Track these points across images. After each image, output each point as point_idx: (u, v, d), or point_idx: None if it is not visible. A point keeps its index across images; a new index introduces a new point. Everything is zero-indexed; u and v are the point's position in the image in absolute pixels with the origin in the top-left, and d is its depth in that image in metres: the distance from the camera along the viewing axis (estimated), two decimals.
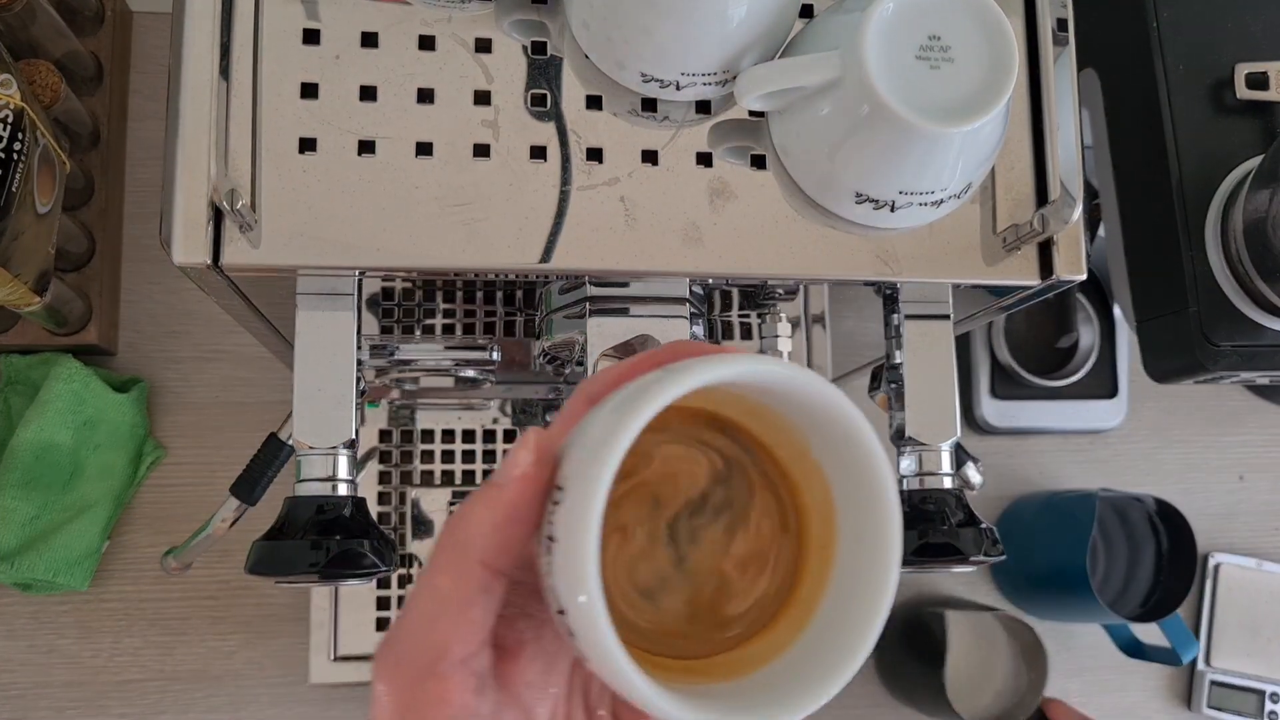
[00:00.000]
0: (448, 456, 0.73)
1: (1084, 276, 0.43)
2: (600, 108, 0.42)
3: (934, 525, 0.46)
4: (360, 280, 0.43)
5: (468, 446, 0.73)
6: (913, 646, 0.76)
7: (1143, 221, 0.62)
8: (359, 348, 0.43)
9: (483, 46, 0.41)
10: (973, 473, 0.67)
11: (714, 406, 0.29)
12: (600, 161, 0.41)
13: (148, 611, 0.70)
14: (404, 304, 0.59)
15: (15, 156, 0.55)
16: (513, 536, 0.25)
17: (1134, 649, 0.80)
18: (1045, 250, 0.43)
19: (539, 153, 0.41)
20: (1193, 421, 0.88)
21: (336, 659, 0.70)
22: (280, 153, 0.40)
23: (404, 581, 0.71)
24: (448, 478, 0.73)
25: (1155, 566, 0.79)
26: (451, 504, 0.72)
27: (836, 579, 0.28)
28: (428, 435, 0.73)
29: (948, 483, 0.47)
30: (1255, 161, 0.55)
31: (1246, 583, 0.84)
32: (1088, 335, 0.83)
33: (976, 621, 0.77)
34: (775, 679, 0.27)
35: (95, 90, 0.72)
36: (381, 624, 0.70)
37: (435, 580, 0.25)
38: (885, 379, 0.49)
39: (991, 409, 0.82)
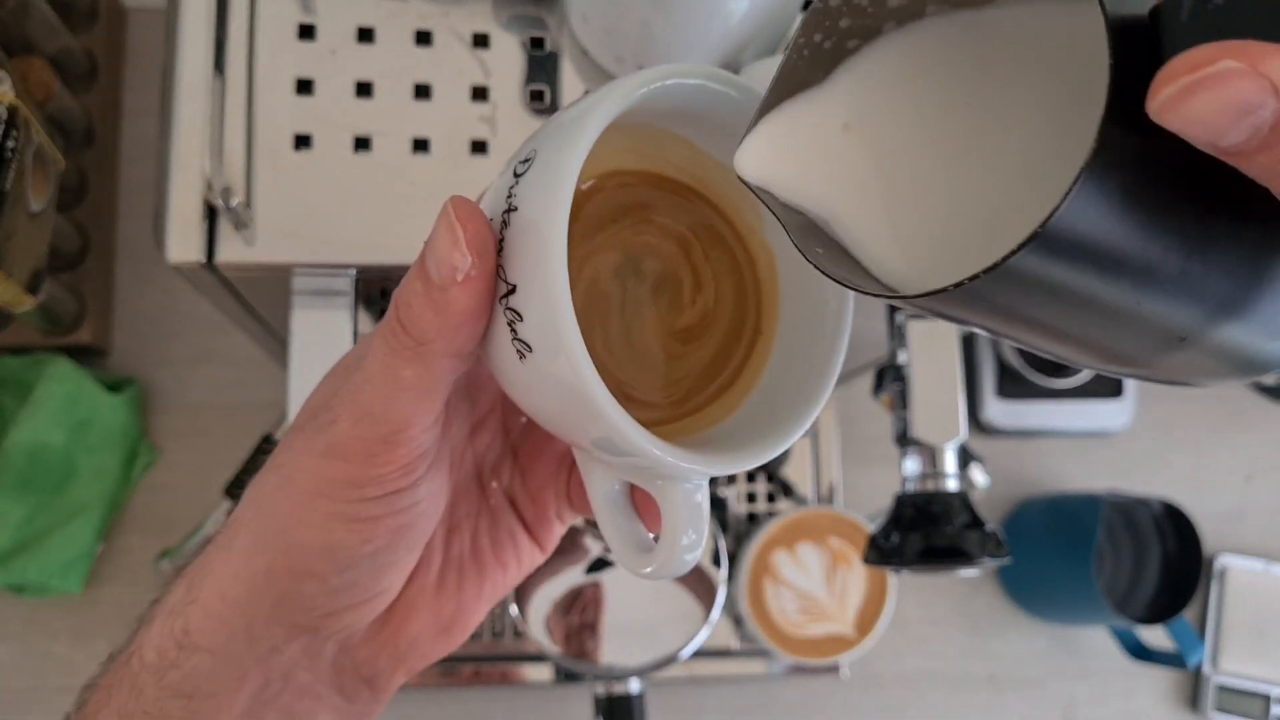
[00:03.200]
0: None
1: None
2: None
3: (939, 527, 0.45)
4: (357, 279, 0.42)
5: None
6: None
7: None
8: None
9: (480, 41, 0.41)
10: (978, 474, 0.66)
11: (671, 171, 0.28)
12: None
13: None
14: None
15: (8, 154, 0.55)
16: (475, 332, 0.24)
17: (1140, 652, 0.79)
18: None
19: None
20: (1200, 422, 0.87)
21: None
22: (275, 149, 0.39)
23: None
24: None
25: (1161, 569, 0.79)
26: None
27: (781, 340, 0.28)
28: None
29: (953, 484, 0.47)
30: None
31: (1254, 585, 0.83)
32: None
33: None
34: (730, 432, 0.27)
35: (89, 87, 0.72)
36: None
37: (399, 372, 0.24)
38: (889, 379, 0.49)
39: (997, 410, 0.82)
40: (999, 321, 0.19)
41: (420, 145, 0.40)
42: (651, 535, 0.27)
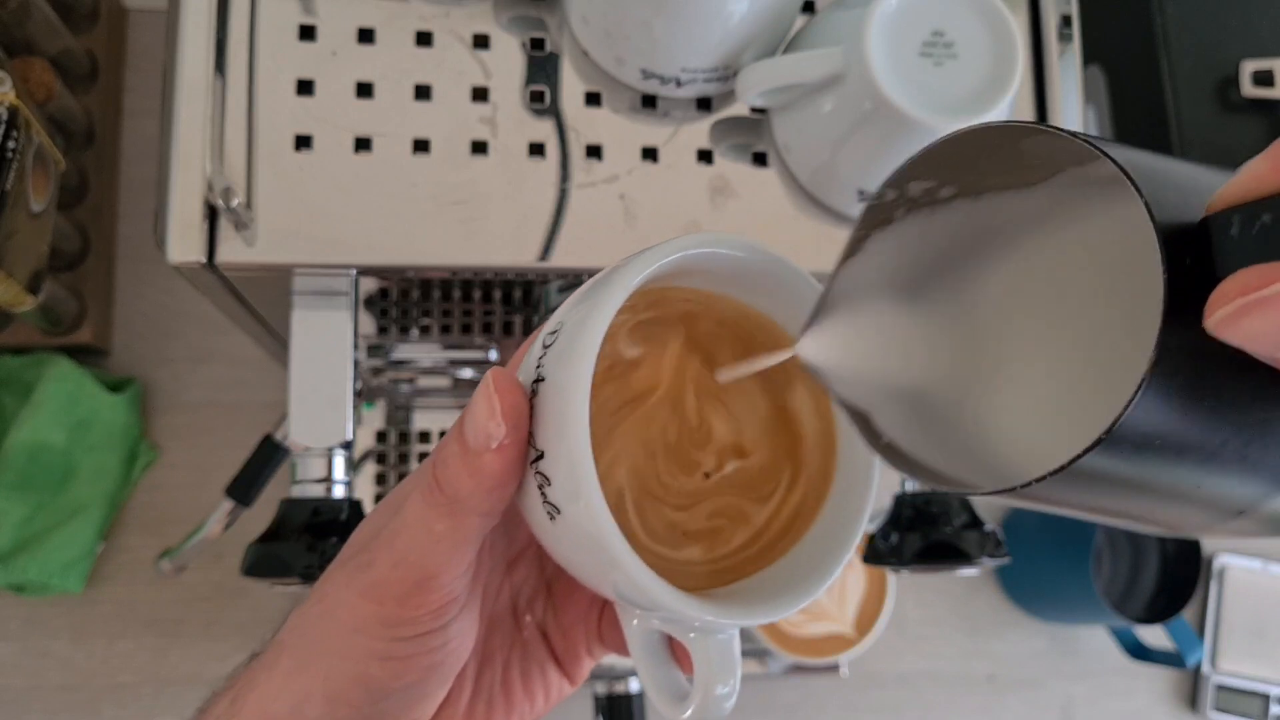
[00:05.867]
0: None
1: None
2: (599, 104, 0.41)
3: (938, 527, 0.46)
4: (357, 280, 0.43)
5: None
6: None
7: None
8: (355, 348, 0.43)
9: (480, 42, 0.41)
10: None
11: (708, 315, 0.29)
12: (599, 159, 0.41)
13: (142, 614, 0.70)
14: (401, 303, 0.58)
15: (9, 155, 0.55)
16: (505, 495, 0.25)
17: (1139, 651, 0.79)
18: None
19: (537, 150, 0.41)
20: None
21: None
22: (276, 150, 0.39)
23: None
24: None
25: (1160, 568, 0.79)
26: None
27: (833, 496, 0.29)
28: (425, 436, 0.72)
29: None
30: None
31: (1252, 585, 0.83)
32: None
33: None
34: (760, 584, 0.27)
35: (90, 88, 0.72)
36: None
37: (432, 526, 0.25)
38: None
39: None
40: (1053, 506, 0.19)
41: (420, 146, 0.40)
42: (687, 679, 0.28)
